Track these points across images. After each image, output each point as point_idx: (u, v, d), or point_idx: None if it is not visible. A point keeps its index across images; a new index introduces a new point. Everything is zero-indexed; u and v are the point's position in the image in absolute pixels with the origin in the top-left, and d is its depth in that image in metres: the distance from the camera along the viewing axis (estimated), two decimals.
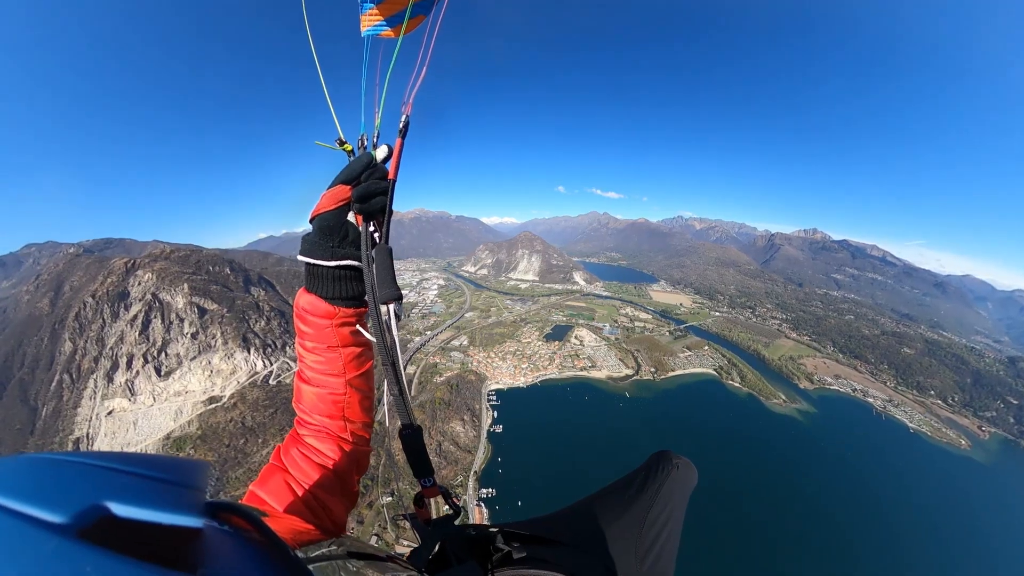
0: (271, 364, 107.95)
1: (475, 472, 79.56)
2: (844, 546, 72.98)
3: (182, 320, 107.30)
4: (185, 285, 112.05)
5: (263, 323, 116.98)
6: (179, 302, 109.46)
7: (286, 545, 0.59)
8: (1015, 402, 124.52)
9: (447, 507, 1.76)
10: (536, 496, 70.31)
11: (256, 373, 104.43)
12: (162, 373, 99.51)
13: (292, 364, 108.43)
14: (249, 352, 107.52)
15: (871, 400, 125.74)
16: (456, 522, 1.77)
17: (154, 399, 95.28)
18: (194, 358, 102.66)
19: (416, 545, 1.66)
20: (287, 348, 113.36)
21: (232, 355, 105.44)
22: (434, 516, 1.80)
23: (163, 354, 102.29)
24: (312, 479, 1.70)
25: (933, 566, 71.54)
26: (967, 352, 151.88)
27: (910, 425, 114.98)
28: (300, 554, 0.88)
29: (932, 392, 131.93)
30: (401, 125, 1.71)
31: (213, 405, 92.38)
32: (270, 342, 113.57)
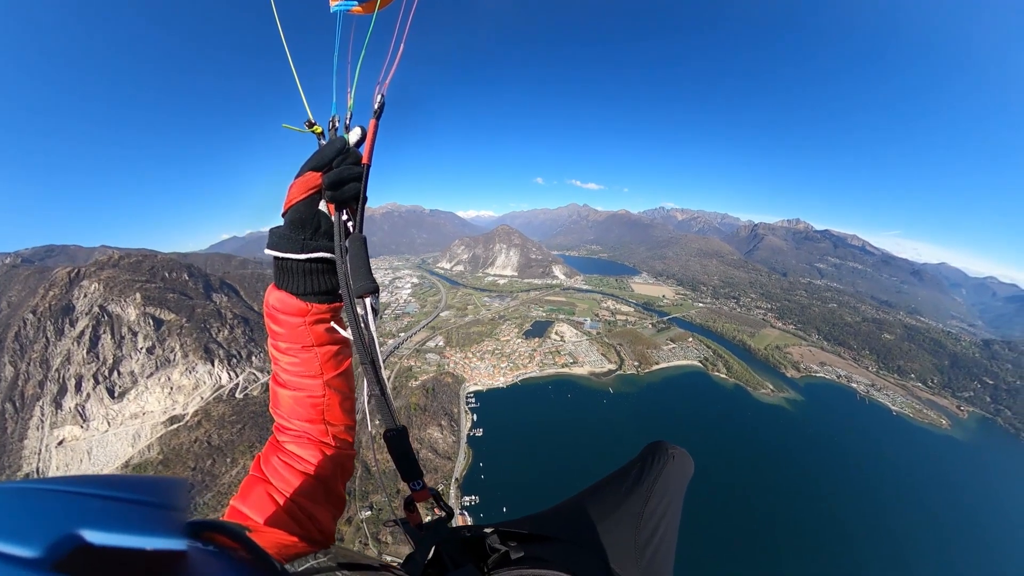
0: (237, 376, 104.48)
1: (456, 479, 78.69)
2: (836, 526, 76.80)
3: (135, 334, 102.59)
4: (137, 295, 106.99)
5: (226, 332, 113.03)
6: (131, 314, 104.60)
7: (274, 561, 0.59)
8: (991, 382, 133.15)
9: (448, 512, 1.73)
10: (521, 501, 70.17)
11: (221, 387, 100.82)
12: (116, 394, 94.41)
13: (260, 375, 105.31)
14: (212, 364, 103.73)
15: (855, 385, 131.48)
16: (449, 524, 1.75)
17: (108, 424, 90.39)
18: (151, 375, 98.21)
19: (407, 552, 1.65)
20: (254, 358, 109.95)
21: (193, 369, 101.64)
22: (426, 520, 1.77)
23: (116, 373, 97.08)
24: (295, 488, 1.67)
25: (921, 540, 76.60)
26: (944, 336, 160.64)
27: (893, 408, 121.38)
28: (289, 568, 0.87)
29: (912, 375, 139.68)
30: (376, 106, 1.66)
31: (175, 425, 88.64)
32: (235, 352, 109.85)
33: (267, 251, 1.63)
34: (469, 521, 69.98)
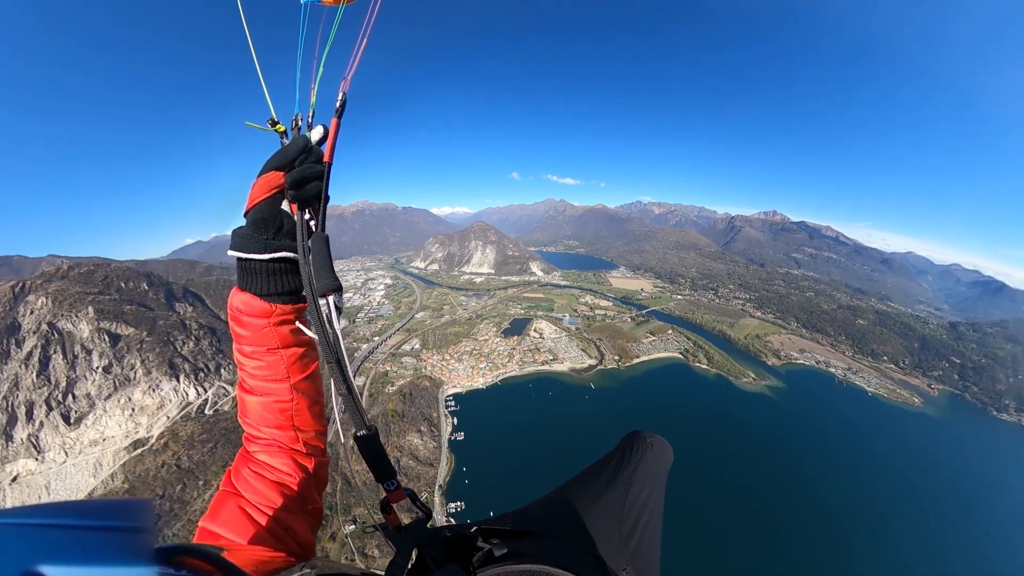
0: (206, 391, 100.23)
1: (440, 486, 77.85)
2: (822, 506, 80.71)
3: (89, 352, 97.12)
4: (90, 308, 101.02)
5: (192, 344, 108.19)
6: (84, 330, 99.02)
7: None
8: (958, 361, 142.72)
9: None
10: (508, 503, 65.82)
11: (189, 404, 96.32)
12: (72, 420, 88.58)
13: (230, 388, 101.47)
14: (178, 380, 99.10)
15: (833, 370, 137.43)
16: (429, 525, 1.74)
17: (66, 454, 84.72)
18: (109, 396, 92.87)
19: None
20: (223, 370, 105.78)
21: (157, 386, 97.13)
22: (405, 523, 1.76)
23: (70, 397, 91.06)
24: (269, 500, 1.64)
25: (902, 512, 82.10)
26: (913, 320, 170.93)
27: (869, 390, 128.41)
28: None
29: (885, 358, 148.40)
30: (338, 104, 1.68)
31: (139, 450, 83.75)
32: (202, 365, 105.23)
33: (230, 252, 1.65)
34: None
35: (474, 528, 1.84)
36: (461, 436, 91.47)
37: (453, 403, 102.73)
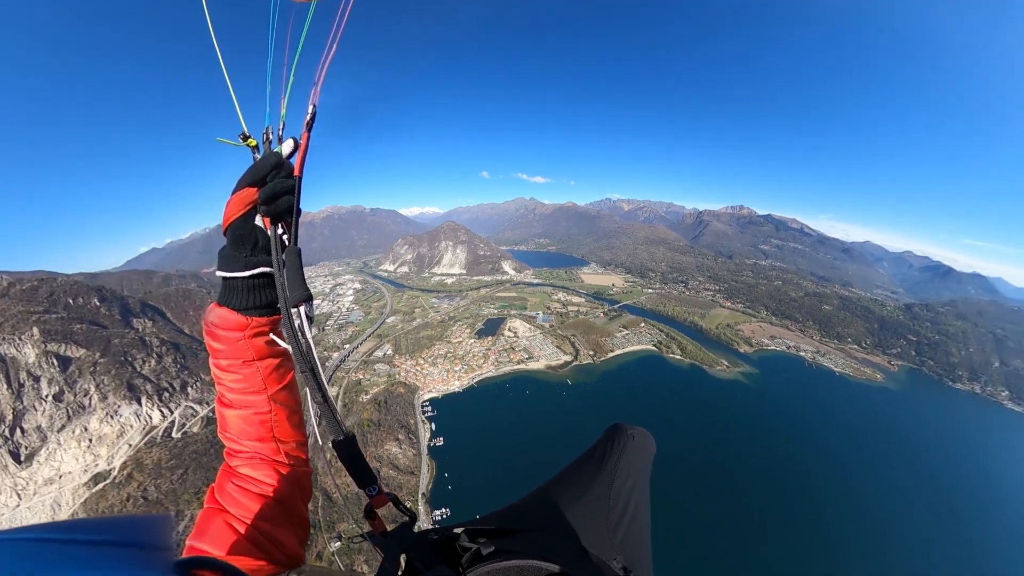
0: (171, 412, 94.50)
1: (423, 495, 77.04)
2: (799, 481, 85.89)
3: (37, 379, 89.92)
4: (35, 329, 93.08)
5: (153, 362, 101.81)
6: (29, 354, 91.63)
7: None
8: (914, 339, 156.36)
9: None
10: (494, 505, 66.98)
11: (153, 428, 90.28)
12: (22, 458, 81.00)
13: (199, 407, 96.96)
14: (139, 403, 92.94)
15: (803, 354, 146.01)
16: (415, 528, 1.76)
17: (19, 496, 77.44)
18: (63, 428, 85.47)
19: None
20: (189, 388, 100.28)
21: (116, 412, 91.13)
22: (390, 528, 1.78)
23: (18, 431, 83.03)
24: (254, 512, 1.66)
25: (871, 478, 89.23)
26: (872, 304, 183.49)
27: (836, 370, 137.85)
28: None
29: (850, 340, 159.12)
30: (308, 117, 1.72)
31: (101, 484, 77.43)
32: (166, 385, 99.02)
33: (217, 273, 1.74)
34: None
35: (460, 529, 1.85)
36: (440, 441, 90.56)
37: (430, 408, 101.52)
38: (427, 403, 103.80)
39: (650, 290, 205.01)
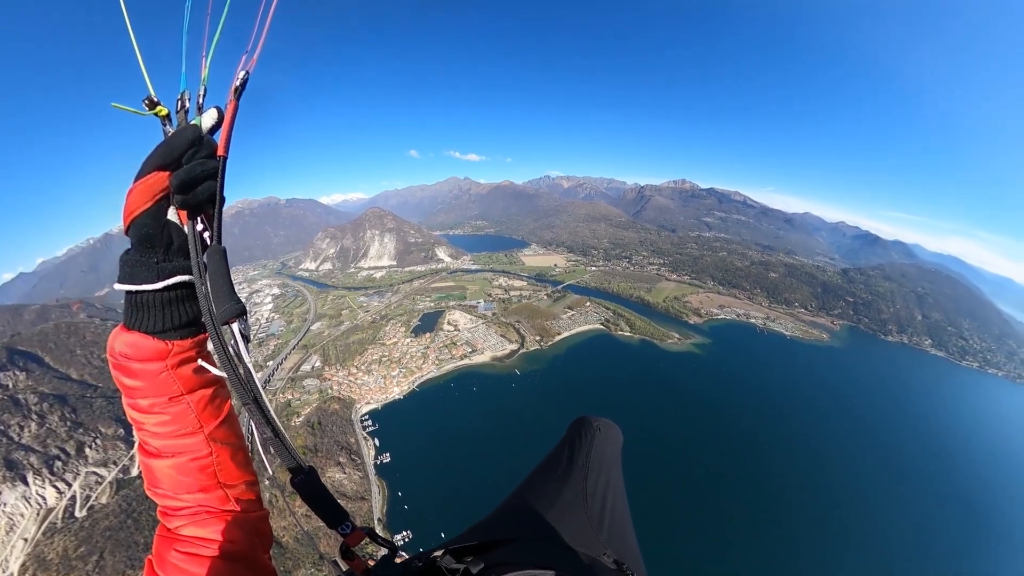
0: (69, 486, 74.64)
1: (379, 520, 72.87)
2: (758, 443, 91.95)
3: None
4: None
5: (34, 426, 79.30)
6: None
7: None
8: (851, 300, 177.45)
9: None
10: (458, 518, 65.01)
11: (51, 511, 70.74)
12: None
13: (103, 472, 77.96)
14: (26, 483, 71.78)
15: (753, 320, 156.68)
16: (396, 559, 1.71)
17: None
18: None
19: None
20: (87, 449, 79.65)
21: None
22: (370, 564, 1.70)
23: None
24: None
25: (822, 428, 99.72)
26: (815, 270, 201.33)
27: (786, 333, 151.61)
28: None
29: (796, 304, 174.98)
30: (237, 83, 1.38)
31: None
32: (56, 451, 77.25)
33: (117, 286, 1.39)
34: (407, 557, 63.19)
35: (442, 551, 1.78)
36: (387, 458, 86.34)
37: (370, 422, 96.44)
38: (366, 417, 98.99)
39: (593, 268, 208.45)
